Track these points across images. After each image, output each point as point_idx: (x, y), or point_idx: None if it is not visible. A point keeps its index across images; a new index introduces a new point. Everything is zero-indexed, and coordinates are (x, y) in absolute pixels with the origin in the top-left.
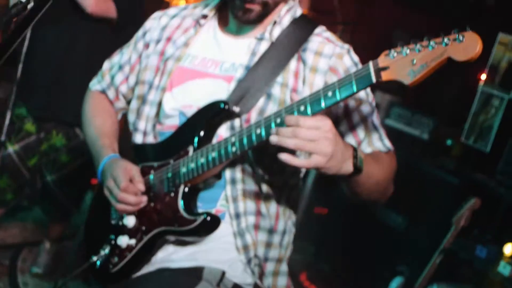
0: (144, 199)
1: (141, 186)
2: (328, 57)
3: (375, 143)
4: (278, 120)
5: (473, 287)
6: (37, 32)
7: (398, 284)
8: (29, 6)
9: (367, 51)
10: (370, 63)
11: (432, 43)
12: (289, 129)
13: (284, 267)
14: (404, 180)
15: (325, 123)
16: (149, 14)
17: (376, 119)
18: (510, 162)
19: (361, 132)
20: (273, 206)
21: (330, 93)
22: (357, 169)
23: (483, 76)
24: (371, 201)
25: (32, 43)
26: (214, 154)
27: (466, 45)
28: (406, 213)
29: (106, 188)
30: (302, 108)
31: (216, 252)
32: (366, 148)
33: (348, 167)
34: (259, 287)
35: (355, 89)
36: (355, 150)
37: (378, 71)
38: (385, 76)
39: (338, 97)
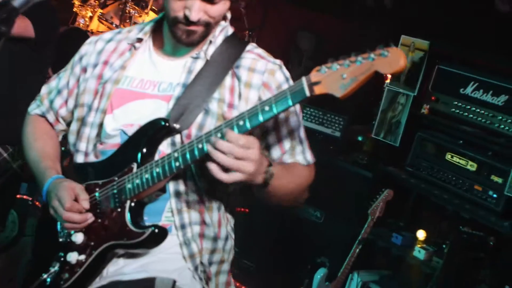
0: (90, 216)
1: (86, 204)
2: (261, 73)
3: (297, 156)
4: (219, 135)
5: (392, 272)
6: None
7: (322, 274)
8: None
9: (272, 52)
10: (303, 79)
11: (359, 58)
12: (225, 144)
13: (225, 267)
14: (321, 176)
15: (254, 143)
16: None
17: (302, 132)
18: (418, 154)
19: (286, 144)
20: (215, 214)
21: (267, 108)
22: (266, 183)
23: (389, 75)
24: (282, 206)
25: None
26: (158, 170)
27: (391, 60)
28: (324, 207)
29: (51, 208)
30: (241, 122)
31: (165, 262)
32: (287, 159)
33: (259, 180)
34: None
35: (290, 103)
36: (268, 165)
37: (311, 85)
38: (317, 90)
39: (275, 111)
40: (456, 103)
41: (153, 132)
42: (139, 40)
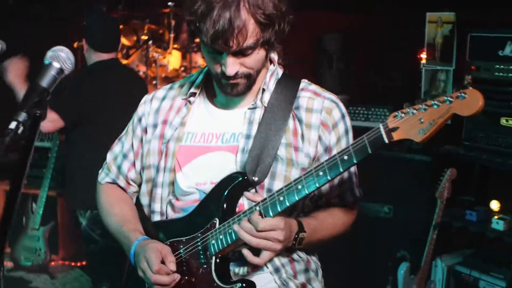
0: (177, 276)
1: (173, 267)
2: (318, 112)
3: (346, 197)
4: (300, 187)
5: (474, 250)
6: None
7: (405, 268)
8: (19, 131)
9: (301, 59)
10: (380, 126)
11: (436, 102)
12: (249, 226)
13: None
14: (380, 170)
15: (279, 224)
16: None
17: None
18: (471, 127)
19: (338, 189)
20: (302, 251)
21: (346, 157)
22: (296, 247)
23: (424, 55)
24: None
25: None
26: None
27: (469, 101)
28: (390, 201)
29: (140, 270)
30: (321, 173)
31: None
32: (336, 203)
33: (289, 245)
34: None
35: (369, 151)
36: (298, 231)
37: (389, 132)
38: (396, 136)
39: (354, 160)
40: (497, 66)
41: (232, 187)
42: (193, 94)
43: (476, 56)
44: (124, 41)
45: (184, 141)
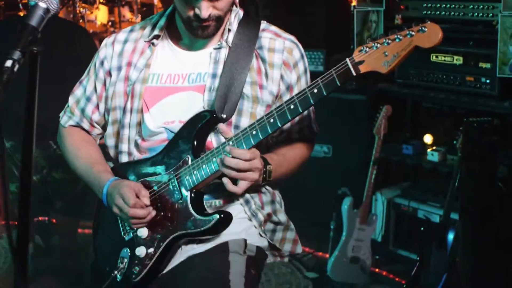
0: (153, 210)
1: (147, 201)
2: (280, 52)
3: (305, 132)
4: (272, 120)
5: (412, 182)
6: None
7: (348, 203)
8: (15, 68)
9: None
10: (347, 60)
11: (398, 36)
12: (233, 161)
13: (292, 226)
14: (319, 113)
15: (256, 153)
16: None
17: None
18: (404, 64)
19: (298, 124)
20: (269, 185)
21: (315, 90)
22: (266, 180)
23: None
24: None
25: None
26: (215, 159)
27: (429, 34)
28: (329, 141)
29: (115, 207)
30: (292, 106)
31: (232, 225)
32: (294, 136)
33: (260, 180)
34: (273, 245)
35: (338, 83)
36: (265, 164)
37: (355, 65)
38: (363, 68)
39: (324, 93)
40: (425, 5)
41: (202, 124)
42: (157, 36)
43: None
44: None
45: (150, 82)
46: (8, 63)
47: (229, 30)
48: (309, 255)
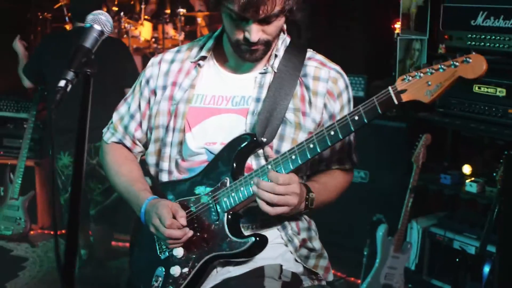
0: (189, 231)
1: (183, 221)
2: (325, 81)
3: (345, 162)
4: (312, 145)
5: (449, 212)
6: None
7: (383, 231)
8: (68, 89)
9: None
10: (390, 88)
11: (442, 66)
12: (267, 185)
13: (325, 254)
14: (357, 138)
15: (293, 178)
16: None
17: (352, 135)
18: (446, 94)
19: (337, 153)
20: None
21: (356, 117)
22: (308, 209)
23: (398, 25)
24: None
25: None
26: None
27: (474, 65)
28: (366, 167)
29: (152, 226)
30: (332, 132)
31: (268, 251)
32: (334, 166)
33: (302, 207)
34: (309, 270)
35: (379, 111)
36: (307, 192)
37: (398, 93)
38: (405, 97)
39: (365, 120)
40: (470, 35)
41: (242, 147)
42: (203, 58)
43: (449, 26)
44: None
45: (194, 103)
46: (62, 83)
47: (276, 55)
48: (341, 280)
